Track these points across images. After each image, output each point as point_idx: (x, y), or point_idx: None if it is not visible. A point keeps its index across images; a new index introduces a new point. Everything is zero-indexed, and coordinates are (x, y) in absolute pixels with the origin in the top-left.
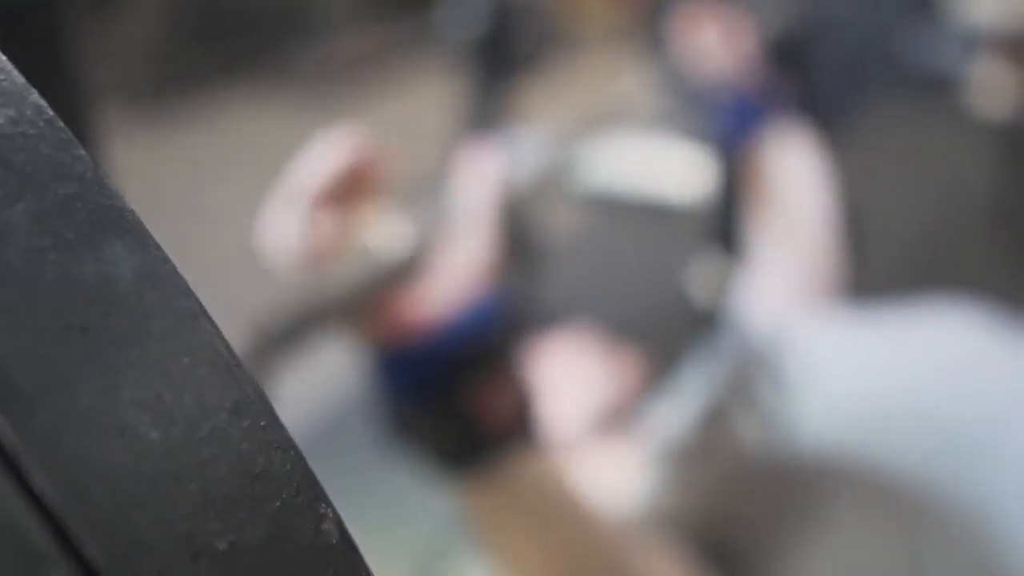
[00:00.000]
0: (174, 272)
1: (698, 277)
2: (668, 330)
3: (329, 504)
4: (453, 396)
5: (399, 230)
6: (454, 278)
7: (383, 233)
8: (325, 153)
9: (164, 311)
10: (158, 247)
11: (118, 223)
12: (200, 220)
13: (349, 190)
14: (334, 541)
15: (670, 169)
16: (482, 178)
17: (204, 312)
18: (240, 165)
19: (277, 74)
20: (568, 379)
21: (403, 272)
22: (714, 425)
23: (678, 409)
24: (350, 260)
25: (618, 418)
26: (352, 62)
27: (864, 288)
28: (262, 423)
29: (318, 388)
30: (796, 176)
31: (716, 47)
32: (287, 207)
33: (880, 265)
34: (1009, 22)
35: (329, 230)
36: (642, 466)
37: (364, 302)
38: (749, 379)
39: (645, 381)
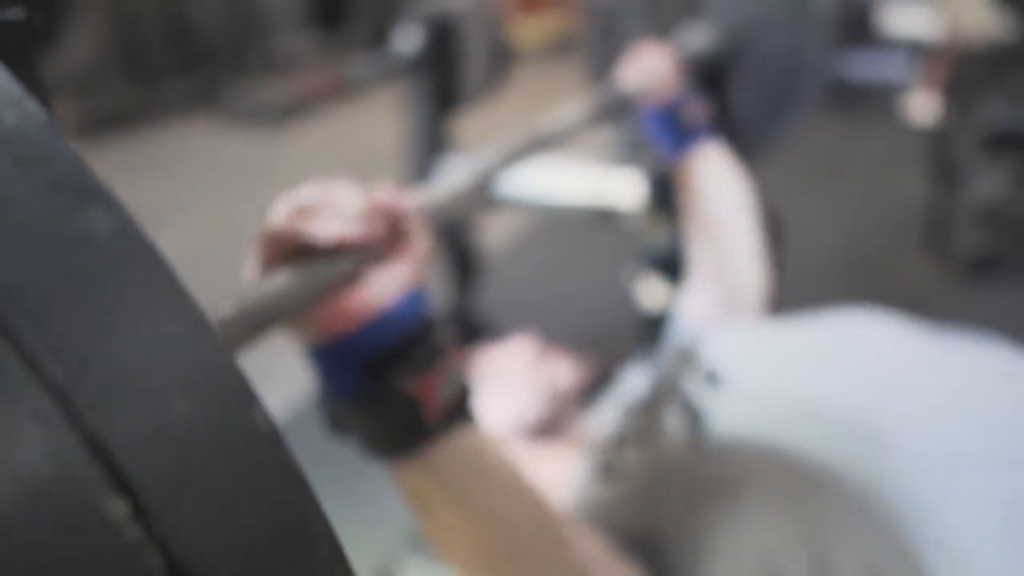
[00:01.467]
0: (139, 230)
1: (644, 284)
2: (615, 335)
3: (261, 404)
4: (387, 384)
5: None
6: (387, 280)
7: None
8: (281, 207)
9: (133, 257)
10: (128, 212)
11: (97, 195)
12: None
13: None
14: (264, 430)
15: (607, 182)
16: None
17: (162, 258)
18: (199, 188)
19: (236, 104)
20: (505, 389)
21: (343, 278)
22: (642, 421)
23: (612, 408)
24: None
25: (554, 424)
26: (306, 93)
27: (795, 296)
28: (207, 339)
29: (283, 396)
30: (721, 190)
31: (649, 67)
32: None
33: (812, 276)
34: (935, 38)
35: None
36: (575, 462)
37: (307, 305)
38: (676, 378)
39: (584, 387)
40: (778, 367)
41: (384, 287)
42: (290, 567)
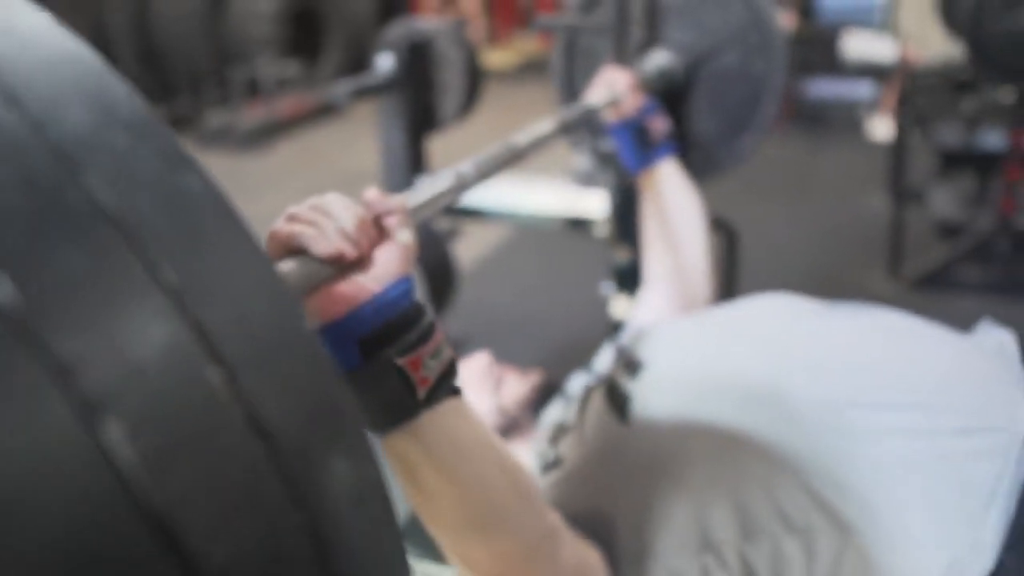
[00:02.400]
0: (217, 188)
1: (614, 292)
2: (583, 339)
3: (305, 315)
4: (380, 360)
5: None
6: (378, 268)
7: None
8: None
9: (217, 206)
10: (210, 175)
11: (191, 161)
12: None
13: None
14: (309, 334)
15: (578, 196)
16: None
17: (233, 207)
18: None
19: (213, 128)
20: None
21: (336, 270)
22: (576, 412)
23: (554, 406)
24: None
25: (504, 435)
26: (283, 117)
27: None
28: (268, 267)
29: None
30: (681, 198)
31: (611, 83)
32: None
33: (776, 285)
34: (892, 62)
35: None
36: (525, 462)
37: (304, 292)
38: (610, 371)
39: (534, 399)
40: (689, 349)
41: (375, 275)
42: (331, 431)
